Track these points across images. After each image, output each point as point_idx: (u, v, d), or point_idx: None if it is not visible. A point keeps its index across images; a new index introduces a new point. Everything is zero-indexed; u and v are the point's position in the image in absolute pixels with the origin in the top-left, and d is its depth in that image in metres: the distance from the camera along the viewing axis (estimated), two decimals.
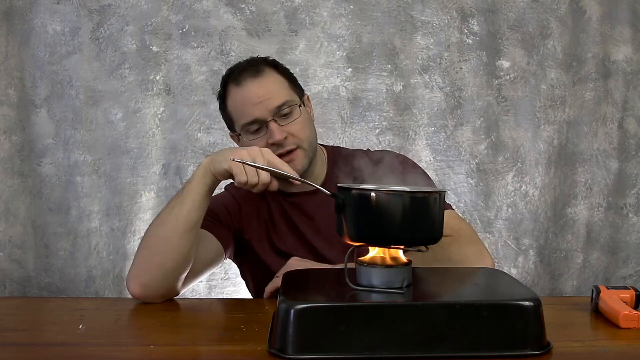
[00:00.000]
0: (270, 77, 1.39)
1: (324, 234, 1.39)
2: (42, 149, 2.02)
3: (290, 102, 1.38)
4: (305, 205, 1.44)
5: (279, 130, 1.35)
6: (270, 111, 1.35)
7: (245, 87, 1.36)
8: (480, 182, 2.12)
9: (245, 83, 1.37)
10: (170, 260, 1.25)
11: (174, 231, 1.24)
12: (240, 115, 1.38)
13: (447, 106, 2.10)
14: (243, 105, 1.36)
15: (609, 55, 2.12)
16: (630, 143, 2.15)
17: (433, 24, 2.09)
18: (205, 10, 2.04)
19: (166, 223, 1.26)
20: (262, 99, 1.35)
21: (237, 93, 1.38)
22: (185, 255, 1.26)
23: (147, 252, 1.27)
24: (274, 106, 1.35)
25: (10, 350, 1.01)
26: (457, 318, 0.90)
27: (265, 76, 1.38)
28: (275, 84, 1.38)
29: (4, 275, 2.04)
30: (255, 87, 1.36)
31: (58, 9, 2.01)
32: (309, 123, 1.42)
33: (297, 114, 1.38)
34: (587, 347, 1.00)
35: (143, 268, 1.26)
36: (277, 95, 1.36)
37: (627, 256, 2.16)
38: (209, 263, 1.39)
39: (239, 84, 1.37)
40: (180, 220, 1.24)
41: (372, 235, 0.99)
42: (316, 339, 0.89)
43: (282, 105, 1.36)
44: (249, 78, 1.37)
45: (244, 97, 1.36)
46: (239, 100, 1.38)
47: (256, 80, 1.37)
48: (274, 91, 1.37)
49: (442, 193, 1.01)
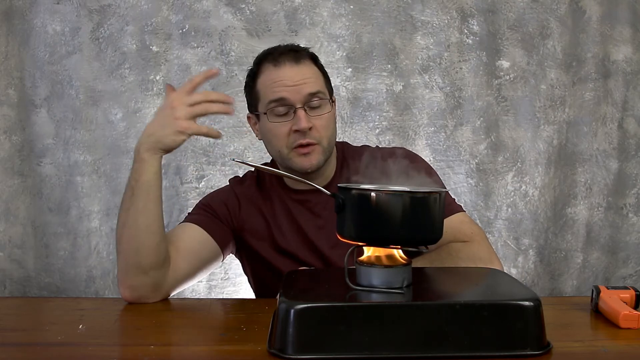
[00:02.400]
0: (309, 67, 1.39)
1: (329, 233, 1.37)
2: (42, 149, 2.02)
3: (322, 93, 1.38)
4: (312, 203, 1.43)
5: (307, 118, 1.34)
6: (302, 96, 1.34)
7: (283, 68, 1.36)
8: (480, 182, 2.12)
9: (284, 65, 1.36)
10: (144, 257, 1.24)
11: (136, 230, 1.23)
12: (270, 92, 1.36)
13: (447, 106, 2.10)
14: (276, 84, 1.35)
15: (609, 55, 2.12)
16: (630, 143, 2.15)
17: (433, 24, 2.09)
18: (205, 10, 2.04)
19: (127, 224, 1.25)
20: (297, 82, 1.34)
21: (273, 72, 1.36)
22: (157, 248, 1.25)
23: (121, 256, 1.27)
24: (307, 92, 1.34)
25: (10, 350, 1.01)
26: (457, 318, 0.90)
27: (305, 64, 1.38)
28: (312, 74, 1.38)
29: (4, 275, 2.04)
30: (293, 71, 1.35)
31: (58, 9, 2.01)
32: (333, 122, 1.42)
33: (327, 109, 1.38)
34: (587, 347, 1.00)
35: (123, 271, 1.26)
36: (312, 84, 1.36)
37: (627, 256, 2.16)
38: (206, 261, 1.38)
39: (277, 64, 1.36)
40: (139, 217, 1.24)
41: (372, 235, 0.99)
42: (316, 339, 0.89)
43: (316, 93, 1.36)
44: (287, 61, 1.36)
45: (279, 76, 1.35)
46: (272, 79, 1.36)
47: (295, 65, 1.36)
48: (310, 79, 1.36)
49: (442, 193, 1.01)
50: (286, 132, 1.35)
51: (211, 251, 1.38)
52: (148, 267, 1.24)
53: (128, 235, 1.25)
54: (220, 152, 2.06)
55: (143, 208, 1.23)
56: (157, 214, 1.25)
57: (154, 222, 1.25)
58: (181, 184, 2.06)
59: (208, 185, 2.05)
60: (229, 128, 2.04)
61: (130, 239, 1.25)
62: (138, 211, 1.24)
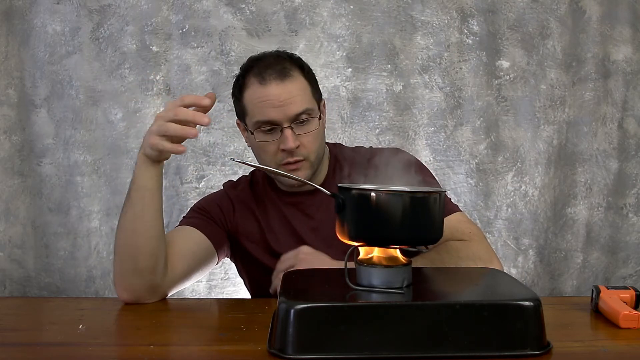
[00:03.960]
0: (296, 82, 1.35)
1: (323, 234, 1.38)
2: (42, 149, 2.02)
3: (310, 110, 1.36)
4: (305, 205, 1.43)
5: (293, 138, 1.33)
6: (288, 117, 1.33)
7: (269, 87, 1.33)
8: (480, 182, 2.12)
9: (270, 83, 1.33)
10: (140, 261, 1.23)
11: (133, 234, 1.23)
12: (257, 113, 1.34)
13: (447, 106, 2.10)
14: (262, 104, 1.33)
15: (609, 55, 2.12)
16: (630, 143, 2.14)
17: (433, 24, 2.09)
18: (205, 10, 2.04)
19: (124, 228, 1.25)
20: (283, 103, 1.32)
21: (259, 90, 1.34)
22: (154, 252, 1.24)
23: (117, 258, 1.27)
24: (293, 113, 1.33)
25: (10, 350, 1.01)
26: (457, 318, 0.90)
27: (291, 80, 1.34)
28: (299, 90, 1.35)
29: (4, 275, 2.04)
30: (279, 90, 1.33)
31: (58, 9, 2.01)
32: (321, 135, 1.41)
33: (314, 127, 1.37)
34: (587, 347, 1.00)
35: (120, 274, 1.26)
36: (299, 102, 1.34)
37: (627, 256, 2.16)
38: (202, 262, 1.38)
39: (263, 81, 1.33)
40: (136, 221, 1.23)
41: (372, 235, 0.99)
42: (316, 339, 0.89)
43: (302, 113, 1.34)
44: (274, 79, 1.33)
45: (265, 96, 1.33)
46: (259, 97, 1.34)
47: (282, 83, 1.33)
48: (296, 97, 1.34)
49: (442, 193, 1.01)
50: (274, 151, 1.35)
51: (207, 251, 1.39)
52: (144, 271, 1.24)
53: (124, 239, 1.25)
54: (220, 152, 2.06)
55: (140, 212, 1.23)
56: (154, 219, 1.24)
57: (152, 227, 1.24)
58: (181, 184, 2.06)
59: (208, 185, 2.05)
60: (229, 128, 2.05)
61: (126, 242, 1.25)
62: (135, 215, 1.23)
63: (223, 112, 2.05)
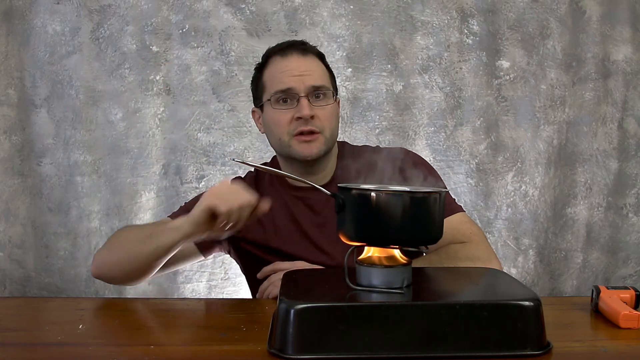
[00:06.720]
0: (315, 61, 1.42)
1: (329, 231, 1.36)
2: (42, 149, 2.02)
3: (327, 88, 1.40)
4: (312, 200, 1.42)
5: (309, 106, 1.36)
6: (306, 87, 1.37)
7: (290, 59, 1.39)
8: (480, 182, 2.12)
9: (291, 56, 1.39)
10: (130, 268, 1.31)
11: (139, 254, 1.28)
12: (276, 82, 1.39)
13: (447, 106, 2.10)
14: (282, 73, 1.38)
15: (609, 55, 2.12)
16: (630, 143, 2.15)
17: (433, 24, 2.09)
18: (205, 10, 2.04)
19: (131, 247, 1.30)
20: (303, 72, 1.37)
21: (280, 63, 1.40)
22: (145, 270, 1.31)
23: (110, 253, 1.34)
24: (311, 84, 1.37)
25: (10, 350, 1.01)
26: (457, 318, 0.90)
27: (312, 57, 1.41)
28: (318, 67, 1.42)
29: (4, 275, 2.04)
30: (299, 61, 1.39)
31: (58, 9, 2.01)
32: (336, 116, 1.44)
33: (330, 101, 1.40)
34: (587, 347, 1.00)
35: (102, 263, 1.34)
36: (318, 77, 1.39)
37: (627, 256, 2.16)
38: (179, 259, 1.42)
39: (285, 55, 1.40)
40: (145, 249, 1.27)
41: (372, 235, 0.99)
42: (316, 339, 0.89)
43: (320, 87, 1.38)
44: (295, 53, 1.40)
45: (286, 66, 1.38)
46: (279, 69, 1.39)
47: (302, 56, 1.40)
48: (315, 71, 1.39)
49: (442, 193, 1.01)
50: (288, 120, 1.37)
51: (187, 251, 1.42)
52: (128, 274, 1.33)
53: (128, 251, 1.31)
54: (220, 152, 2.06)
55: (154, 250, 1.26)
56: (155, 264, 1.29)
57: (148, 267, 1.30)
58: (181, 184, 2.06)
59: (208, 185, 2.05)
60: (229, 128, 2.05)
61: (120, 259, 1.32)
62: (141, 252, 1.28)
63: (223, 112, 2.05)
